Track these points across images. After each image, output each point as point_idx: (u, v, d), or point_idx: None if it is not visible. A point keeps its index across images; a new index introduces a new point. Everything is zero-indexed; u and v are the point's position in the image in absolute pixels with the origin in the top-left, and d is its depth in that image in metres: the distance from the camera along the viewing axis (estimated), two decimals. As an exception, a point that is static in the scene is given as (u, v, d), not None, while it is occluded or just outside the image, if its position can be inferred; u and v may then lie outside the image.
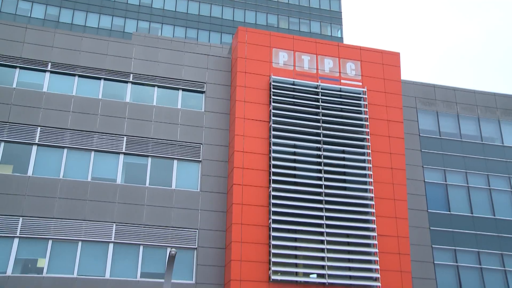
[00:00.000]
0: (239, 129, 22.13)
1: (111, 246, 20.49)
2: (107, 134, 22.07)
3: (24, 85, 22.11)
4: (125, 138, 22.20)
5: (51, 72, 22.59)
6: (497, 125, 27.28)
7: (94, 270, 20.03)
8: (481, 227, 24.61)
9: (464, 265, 23.76)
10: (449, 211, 24.66)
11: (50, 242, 19.99)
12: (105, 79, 23.09)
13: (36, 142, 21.22)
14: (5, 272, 19.23)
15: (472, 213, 24.89)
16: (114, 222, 20.76)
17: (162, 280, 16.69)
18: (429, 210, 24.30)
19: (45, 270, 19.59)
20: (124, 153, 22.07)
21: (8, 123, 21.17)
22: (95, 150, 21.81)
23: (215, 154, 22.83)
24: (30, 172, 20.81)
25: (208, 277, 20.74)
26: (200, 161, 22.62)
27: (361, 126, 23.53)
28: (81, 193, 20.85)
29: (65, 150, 21.52)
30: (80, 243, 20.24)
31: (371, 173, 22.63)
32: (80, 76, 22.86)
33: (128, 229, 20.81)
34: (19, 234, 19.74)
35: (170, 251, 13.78)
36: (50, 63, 22.54)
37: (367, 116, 23.63)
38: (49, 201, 20.41)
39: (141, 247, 20.78)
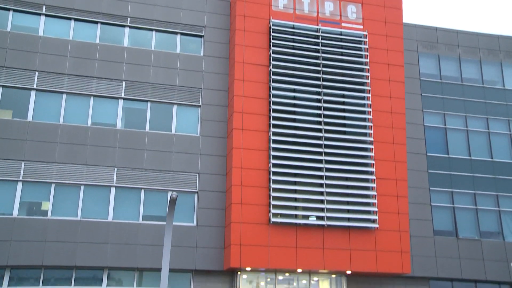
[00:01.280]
0: (238, 74, 21.95)
1: (112, 190, 20.78)
2: (106, 79, 21.92)
3: (19, 28, 21.76)
4: (124, 83, 22.06)
5: (46, 15, 22.17)
6: (499, 68, 27.05)
7: (97, 213, 20.42)
8: (479, 169, 24.86)
9: (460, 207, 24.20)
10: (448, 155, 24.84)
11: (53, 186, 20.27)
12: (102, 23, 22.69)
13: (35, 87, 21.11)
14: (11, 214, 19.64)
15: (470, 156, 25.09)
16: (115, 167, 20.95)
17: (164, 223, 17.03)
18: (427, 154, 24.47)
19: (49, 213, 19.99)
20: (123, 98, 21.99)
21: (5, 68, 20.98)
22: (94, 96, 21.72)
23: (214, 98, 22.76)
24: (30, 117, 20.82)
25: (209, 219, 21.15)
26: (200, 106, 22.58)
27: (361, 70, 23.33)
28: (82, 138, 20.94)
29: (64, 95, 21.43)
30: (82, 187, 20.52)
31: (371, 117, 22.64)
32: (76, 20, 22.45)
33: (129, 173, 21.04)
34: (22, 178, 19.99)
35: (171, 195, 13.95)
36: (44, 6, 22.09)
37: (368, 60, 23.39)
38: (50, 146, 20.54)
39: (143, 191, 21.08)
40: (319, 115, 22.13)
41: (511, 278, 13.28)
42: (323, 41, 23.10)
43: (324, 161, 21.47)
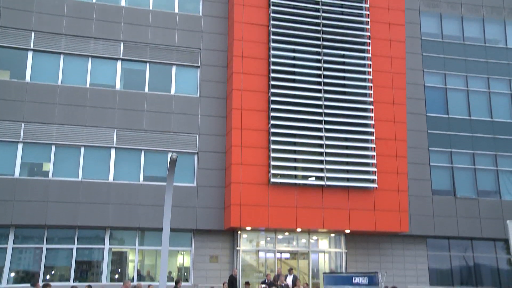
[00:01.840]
0: (237, 34, 21.68)
1: (113, 151, 20.86)
2: (104, 40, 21.65)
3: (14, -12, 21.38)
4: (122, 44, 21.81)
5: (42, -26, 21.78)
6: (502, 26, 26.69)
7: (97, 173, 20.55)
8: (478, 129, 24.88)
9: (459, 166, 24.35)
10: (448, 115, 24.81)
11: (53, 147, 20.33)
12: (98, -19, 22.30)
13: (31, 47, 20.86)
14: (13, 174, 19.79)
15: (470, 116, 25.07)
16: (115, 128, 20.96)
17: (164, 183, 17.16)
18: (427, 114, 24.43)
19: (50, 174, 20.13)
20: (122, 59, 21.80)
21: (0, 27, 20.69)
22: (92, 56, 21.51)
23: (213, 59, 22.56)
24: (27, 78, 20.69)
25: (209, 180, 21.31)
26: (199, 66, 22.40)
27: (362, 29, 23.01)
28: (81, 99, 20.87)
29: (62, 56, 21.22)
30: (82, 148, 20.59)
31: (371, 77, 22.48)
32: (72, -22, 22.05)
33: (129, 134, 21.07)
34: (22, 139, 20.03)
35: (171, 156, 13.98)
36: (39, -36, 21.64)
37: (368, 19, 23.04)
38: (49, 107, 20.49)
39: (143, 152, 21.16)
40: (319, 75, 21.98)
41: (506, 235, 13.48)
42: (323, 0, 22.71)
43: (323, 121, 21.45)
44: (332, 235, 22.46)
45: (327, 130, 21.45)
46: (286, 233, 22.08)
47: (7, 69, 20.84)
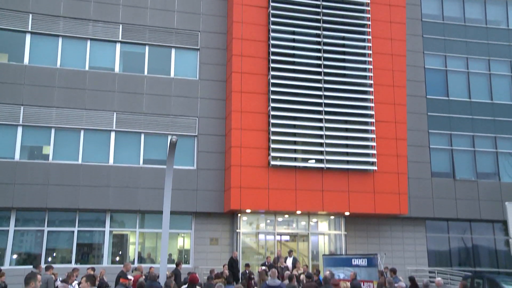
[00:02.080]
0: (237, 16, 21.52)
1: (112, 134, 20.85)
2: (102, 22, 21.50)
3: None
4: (121, 26, 21.66)
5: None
6: (504, 7, 26.52)
7: (97, 157, 20.58)
8: (478, 111, 24.86)
9: (459, 149, 24.38)
10: (448, 97, 24.78)
11: (53, 130, 20.32)
12: (96, -37, 22.06)
13: (29, 30, 20.72)
14: (13, 157, 19.82)
15: (470, 99, 25.04)
16: (115, 111, 20.93)
17: (164, 166, 17.18)
18: (427, 96, 24.40)
19: (50, 157, 20.15)
20: (121, 42, 21.67)
21: (-2, 10, 20.56)
22: (91, 39, 21.38)
23: (213, 41, 22.43)
24: (26, 61, 20.59)
25: (209, 163, 21.34)
26: (198, 49, 22.29)
27: (362, 11, 22.84)
28: (80, 82, 20.79)
29: (60, 38, 21.09)
30: (82, 131, 20.58)
31: (371, 59, 22.39)
32: (69, -41, 21.80)
33: (129, 117, 21.04)
34: (22, 122, 20.01)
35: (171, 139, 14.00)
36: None
37: (368, 1, 22.85)
38: (48, 90, 20.42)
39: (142, 135, 21.16)
40: (319, 58, 21.87)
41: (505, 216, 13.55)
42: (323, -19, 22.50)
43: (323, 104, 21.40)
44: (332, 217, 22.58)
45: (327, 113, 21.41)
46: (286, 216, 22.18)
47: (5, 52, 20.72)
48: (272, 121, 20.76)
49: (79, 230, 20.22)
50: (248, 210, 20.67)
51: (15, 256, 19.60)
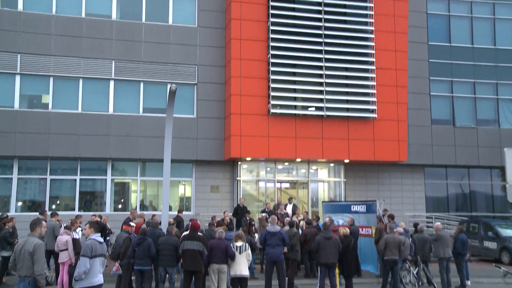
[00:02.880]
0: (235, -41, 20.93)
1: (111, 82, 20.71)
2: (97, -33, 20.95)
3: None
4: (116, -29, 21.12)
5: None
6: None
7: (97, 105, 20.54)
8: (480, 57, 24.59)
9: (459, 95, 24.29)
10: (450, 43, 24.44)
11: (51, 79, 20.18)
12: None
13: (23, -25, 20.26)
14: (13, 106, 19.80)
15: (472, 44, 24.71)
16: (113, 59, 20.70)
17: (164, 115, 17.14)
18: (429, 43, 24.07)
19: (50, 106, 20.11)
20: (117, -13, 21.20)
21: (-10, -44, 19.97)
22: (86, -15, 20.91)
23: (211, -13, 21.93)
24: (20, 7, 20.18)
25: (208, 111, 21.31)
26: (196, -6, 21.83)
27: (364, -46, 22.19)
28: (77, 30, 20.46)
29: (55, -16, 20.63)
30: (81, 80, 20.44)
31: (372, 5, 21.93)
32: None
33: (127, 65, 20.84)
34: (20, 71, 19.85)
35: (170, 87, 13.90)
36: None
37: None
38: (45, 38, 20.12)
39: (142, 84, 21.02)
40: (319, 3, 21.42)
41: (503, 162, 13.63)
42: None
43: (323, 51, 21.12)
44: (331, 164, 22.76)
45: (327, 60, 21.17)
46: (286, 163, 22.35)
47: (-2, -2, 20.31)
48: (272, 68, 20.56)
49: (81, 179, 20.45)
50: (248, 158, 20.80)
51: (20, 203, 19.93)
